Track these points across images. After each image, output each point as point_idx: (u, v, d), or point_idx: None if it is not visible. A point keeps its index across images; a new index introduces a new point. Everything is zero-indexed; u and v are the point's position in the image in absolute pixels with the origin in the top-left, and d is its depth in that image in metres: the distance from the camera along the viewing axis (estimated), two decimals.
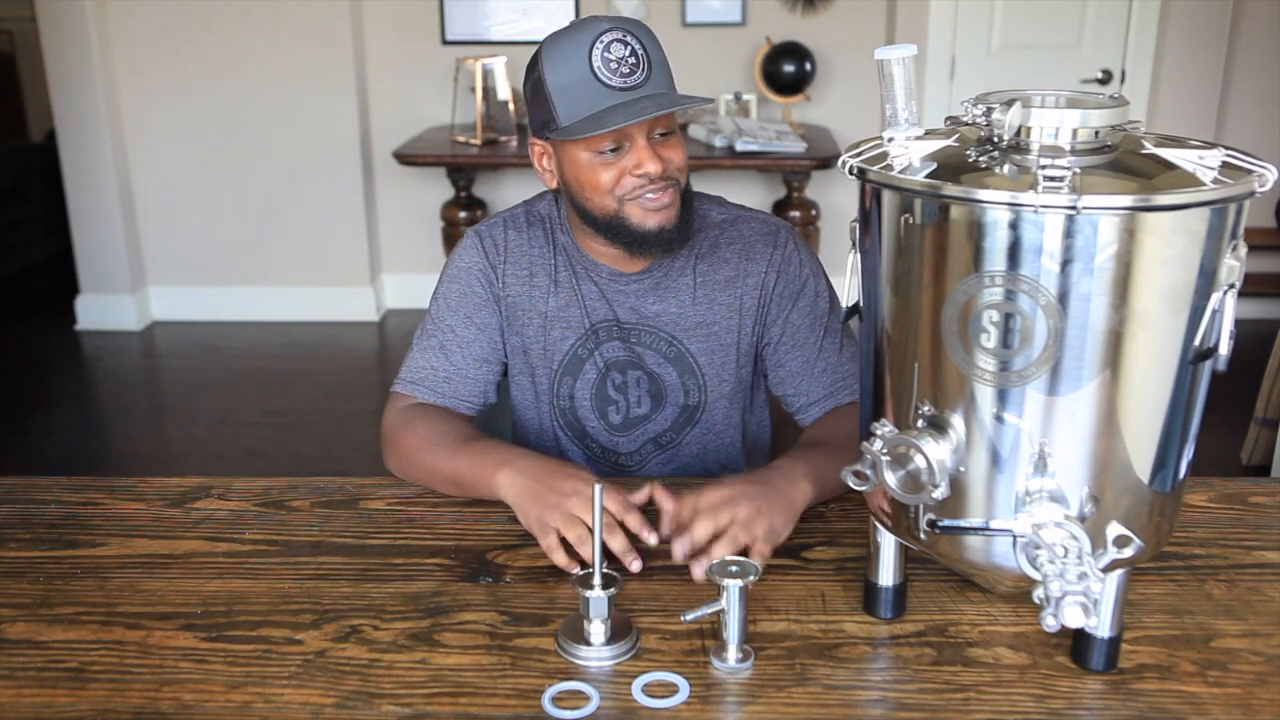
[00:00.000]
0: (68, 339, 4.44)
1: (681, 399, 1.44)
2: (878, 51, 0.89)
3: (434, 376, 1.41)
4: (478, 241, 1.43)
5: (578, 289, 1.41)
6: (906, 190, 0.86)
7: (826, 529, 1.24)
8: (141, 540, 1.23)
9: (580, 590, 1.01)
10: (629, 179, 1.29)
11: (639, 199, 1.29)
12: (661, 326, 1.41)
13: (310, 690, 0.96)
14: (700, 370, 1.42)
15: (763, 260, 1.41)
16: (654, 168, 1.27)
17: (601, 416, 1.45)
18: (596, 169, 1.29)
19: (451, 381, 1.41)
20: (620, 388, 1.43)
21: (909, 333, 0.90)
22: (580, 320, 1.42)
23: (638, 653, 1.01)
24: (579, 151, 1.29)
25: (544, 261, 1.42)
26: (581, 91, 1.25)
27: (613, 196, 1.30)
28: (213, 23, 4.26)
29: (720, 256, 1.42)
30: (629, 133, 1.27)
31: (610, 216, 1.31)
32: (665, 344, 1.42)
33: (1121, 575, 0.94)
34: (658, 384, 1.43)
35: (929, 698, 0.95)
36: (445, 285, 1.44)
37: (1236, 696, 0.95)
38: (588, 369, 1.43)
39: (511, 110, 4.18)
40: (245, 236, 4.53)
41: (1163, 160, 0.84)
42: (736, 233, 1.43)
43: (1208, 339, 0.85)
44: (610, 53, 1.24)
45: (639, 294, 1.41)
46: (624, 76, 1.24)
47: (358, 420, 3.66)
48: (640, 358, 1.42)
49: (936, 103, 4.30)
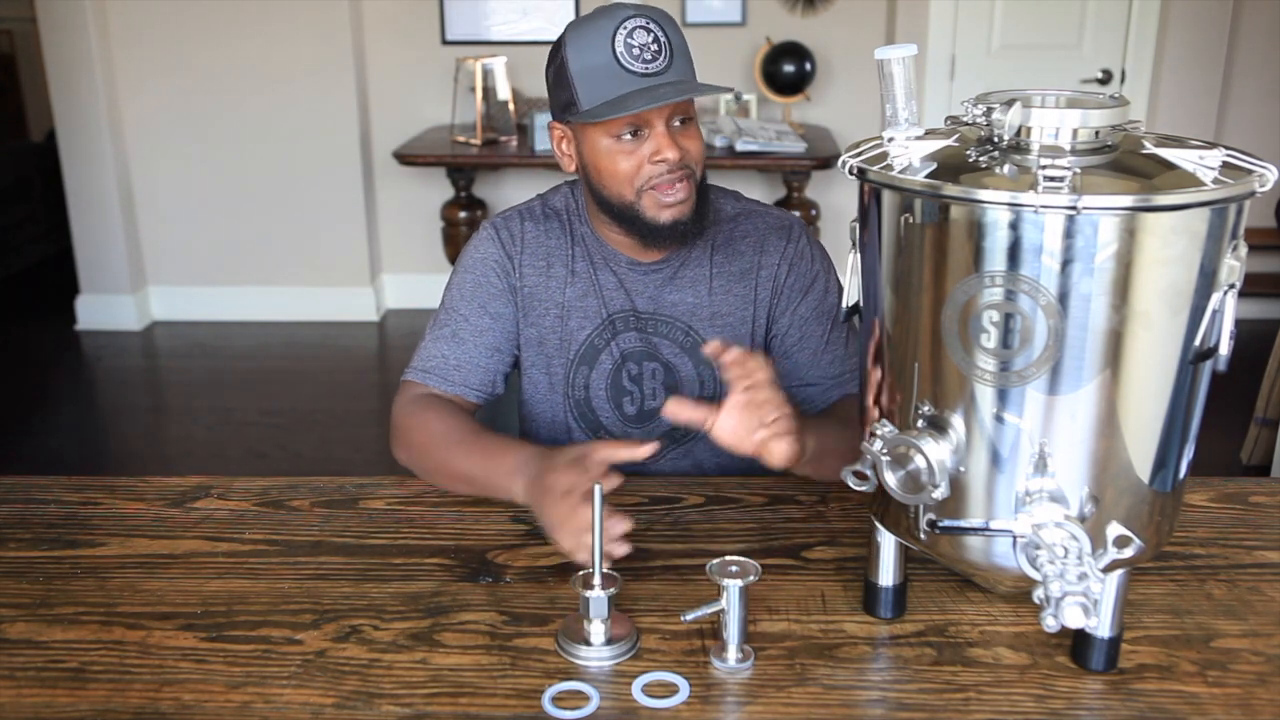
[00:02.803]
0: (68, 339, 4.44)
1: (697, 390, 1.45)
2: (878, 51, 0.89)
3: (445, 364, 1.41)
4: (494, 233, 1.44)
5: (595, 279, 1.43)
6: (906, 190, 0.86)
7: (826, 529, 1.24)
8: (141, 540, 1.23)
9: (580, 590, 1.01)
10: (647, 168, 1.31)
11: (656, 189, 1.31)
12: (678, 316, 1.43)
13: (310, 690, 0.96)
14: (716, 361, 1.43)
15: (775, 253, 1.44)
16: (672, 154, 1.30)
17: (616, 407, 1.45)
18: (615, 156, 1.31)
19: (462, 369, 1.41)
20: (635, 379, 1.44)
21: (909, 333, 0.90)
22: (598, 310, 1.43)
23: (638, 653, 1.01)
24: (599, 137, 1.31)
25: (561, 252, 1.43)
26: (604, 76, 1.26)
27: (630, 186, 1.32)
28: (213, 23, 4.26)
29: (735, 249, 1.44)
30: (648, 119, 1.29)
31: (626, 206, 1.33)
32: (682, 334, 1.43)
33: (1121, 575, 0.94)
34: (673, 375, 1.44)
35: (929, 698, 0.95)
36: (460, 275, 1.45)
37: (1236, 696, 0.95)
38: (604, 359, 1.44)
39: (511, 110, 4.18)
40: (245, 236, 4.53)
41: (1163, 160, 0.84)
42: (751, 225, 1.46)
43: (1208, 339, 0.85)
44: (633, 39, 1.26)
45: (658, 284, 1.43)
46: (646, 63, 1.26)
47: (358, 420, 3.66)
48: (656, 348, 1.43)
49: (936, 103, 4.30)
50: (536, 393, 1.48)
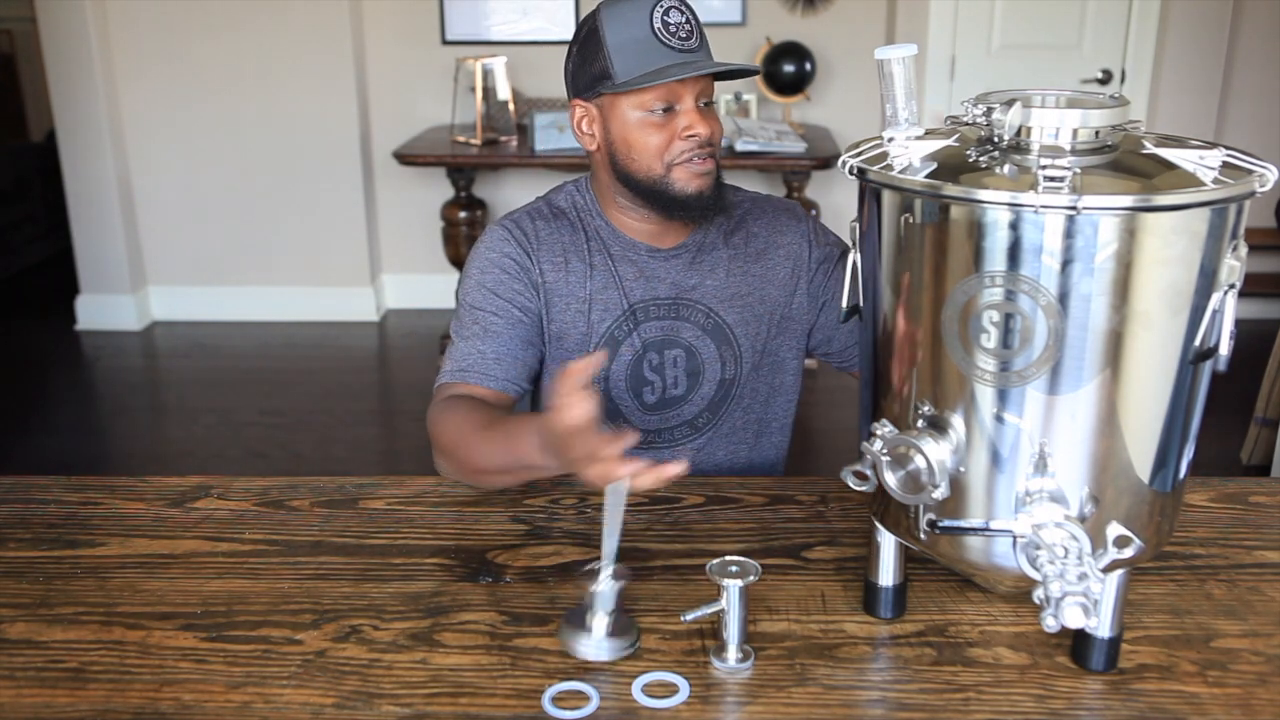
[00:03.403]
0: (68, 339, 4.44)
1: (719, 373, 1.46)
2: (878, 51, 0.90)
3: (483, 360, 1.36)
4: (507, 233, 1.42)
5: (614, 271, 1.43)
6: (906, 190, 0.86)
7: (826, 529, 1.24)
8: (141, 540, 1.23)
9: (588, 583, 1.01)
10: (678, 143, 1.34)
11: (686, 163, 1.34)
12: (700, 299, 1.44)
13: (310, 690, 0.96)
14: (736, 341, 1.46)
15: (791, 232, 1.49)
16: (704, 130, 1.33)
17: (636, 396, 1.45)
18: (648, 129, 1.34)
19: (503, 362, 1.37)
20: (657, 368, 1.44)
21: (909, 333, 0.90)
22: (618, 302, 1.43)
23: (637, 652, 1.01)
24: (630, 110, 1.34)
25: (577, 248, 1.43)
26: (642, 49, 1.31)
27: (660, 160, 1.34)
28: (213, 23, 4.26)
29: (749, 230, 1.49)
30: (681, 94, 1.33)
31: (655, 180, 1.35)
32: (704, 316, 1.44)
33: (1121, 575, 0.94)
34: (695, 359, 1.45)
35: (929, 698, 0.95)
36: (479, 275, 1.41)
37: (1236, 696, 0.95)
38: (624, 350, 1.43)
39: (511, 110, 4.18)
40: (245, 236, 4.53)
41: (1163, 160, 0.84)
42: (759, 210, 1.51)
43: (1208, 339, 0.85)
44: (669, 18, 1.32)
45: (679, 268, 1.44)
46: (682, 39, 1.33)
47: (358, 420, 3.66)
48: (679, 333, 1.44)
49: (936, 103, 4.30)
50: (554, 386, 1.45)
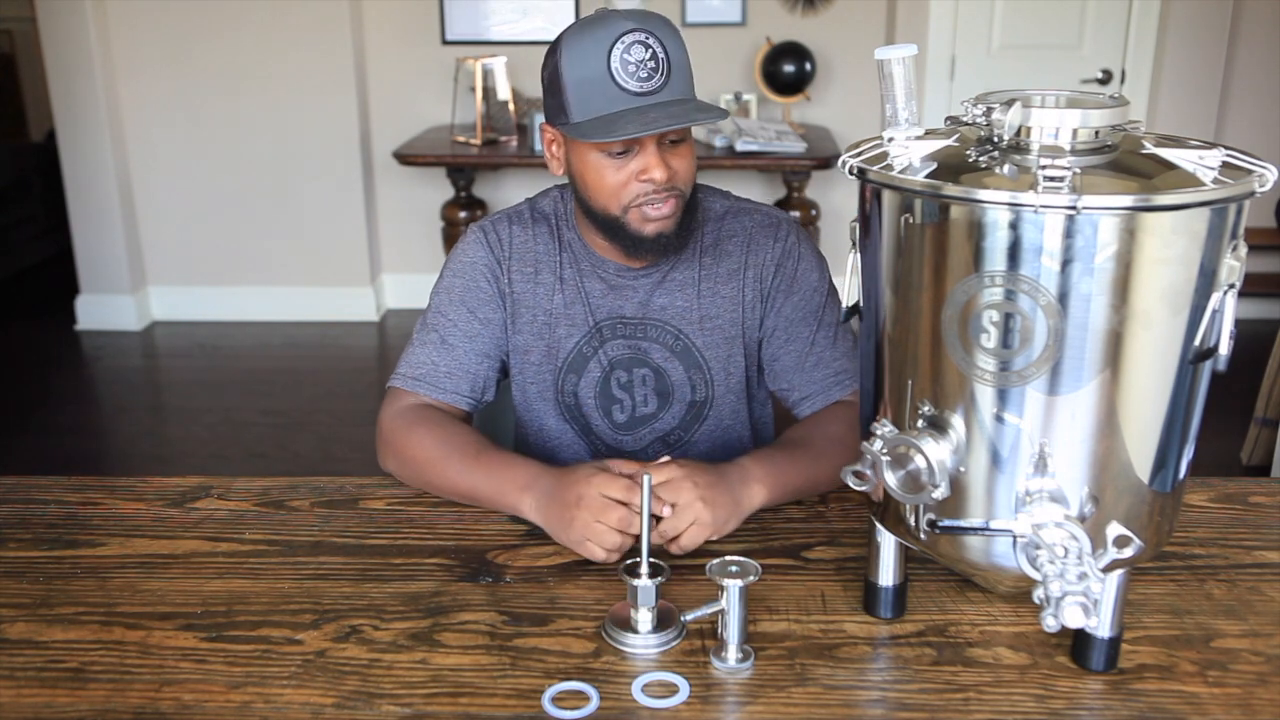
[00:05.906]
0: (68, 339, 4.44)
1: (689, 395, 1.43)
2: (878, 51, 0.89)
3: (435, 371, 1.40)
4: (483, 237, 1.43)
5: (582, 286, 1.41)
6: (906, 190, 0.86)
7: (826, 529, 1.24)
8: (141, 540, 1.23)
9: (628, 579, 1.02)
10: (634, 185, 1.28)
11: (641, 206, 1.29)
12: (668, 320, 1.41)
13: (310, 690, 0.96)
14: (706, 364, 1.42)
15: (763, 252, 1.42)
16: (660, 175, 1.27)
17: (606, 415, 1.44)
18: (604, 170, 1.29)
19: (453, 376, 1.40)
20: (625, 386, 1.43)
21: (909, 333, 0.90)
22: (584, 318, 1.41)
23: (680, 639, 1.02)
24: (588, 150, 1.29)
25: (549, 259, 1.42)
26: (597, 91, 1.23)
27: (616, 201, 1.30)
28: (213, 23, 4.26)
29: (723, 250, 1.42)
30: (640, 138, 1.26)
31: (611, 220, 1.32)
32: (672, 338, 1.42)
33: (1121, 575, 0.94)
34: (664, 380, 1.43)
35: (929, 698, 0.95)
36: (448, 279, 1.43)
37: (1236, 696, 0.95)
38: (592, 367, 1.42)
39: (511, 110, 4.18)
40: (245, 236, 4.53)
41: (1163, 160, 0.84)
42: (739, 225, 1.43)
43: (1208, 339, 0.85)
44: (630, 54, 1.22)
45: (647, 289, 1.41)
46: (642, 81, 1.23)
47: (358, 420, 3.66)
48: (646, 353, 1.42)
49: (936, 103, 4.30)
50: (526, 399, 1.47)
